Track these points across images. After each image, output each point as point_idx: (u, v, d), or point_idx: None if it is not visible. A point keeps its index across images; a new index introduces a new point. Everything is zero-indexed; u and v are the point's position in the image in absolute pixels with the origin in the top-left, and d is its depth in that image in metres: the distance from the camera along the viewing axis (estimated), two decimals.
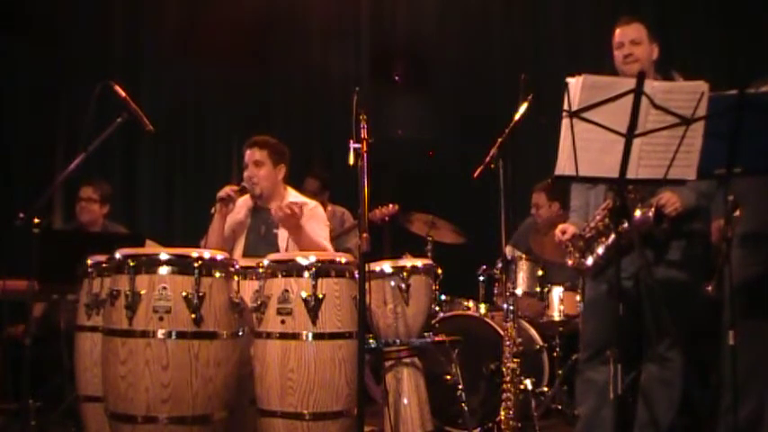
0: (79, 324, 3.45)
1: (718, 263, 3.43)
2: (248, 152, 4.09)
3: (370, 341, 3.67)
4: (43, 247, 3.41)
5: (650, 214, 3.19)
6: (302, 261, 3.14)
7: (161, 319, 2.89)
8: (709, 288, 3.67)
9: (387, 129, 6.23)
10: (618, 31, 3.44)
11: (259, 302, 3.15)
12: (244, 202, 4.11)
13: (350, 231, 5.56)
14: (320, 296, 3.08)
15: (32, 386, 3.58)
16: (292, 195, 4.17)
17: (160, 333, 2.88)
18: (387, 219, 5.35)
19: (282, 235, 4.00)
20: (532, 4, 6.68)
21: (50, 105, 5.99)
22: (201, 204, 6.01)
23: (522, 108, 3.90)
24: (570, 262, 3.43)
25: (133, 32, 6.50)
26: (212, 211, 3.99)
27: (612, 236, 3.19)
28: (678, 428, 3.53)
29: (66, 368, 3.71)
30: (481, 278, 5.07)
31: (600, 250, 3.33)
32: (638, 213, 3.19)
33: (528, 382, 4.33)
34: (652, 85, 2.63)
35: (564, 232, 3.45)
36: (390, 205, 5.34)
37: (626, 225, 3.12)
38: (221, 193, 3.97)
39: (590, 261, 3.37)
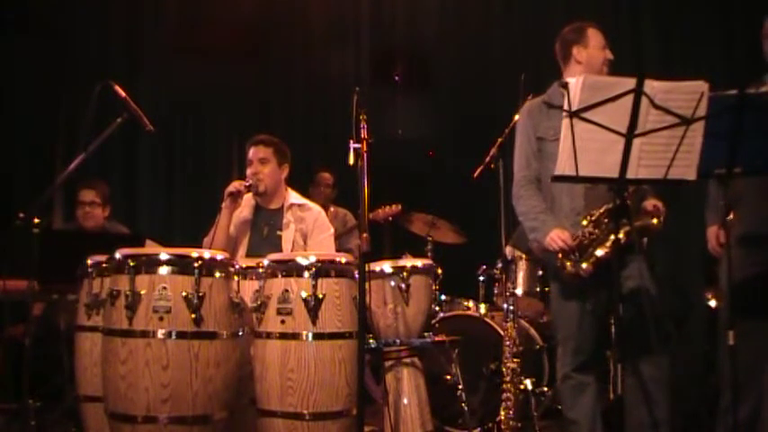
0: (79, 324, 3.45)
1: (717, 270, 3.44)
2: (253, 149, 4.08)
3: (370, 341, 3.67)
4: (43, 247, 3.41)
5: (661, 220, 3.29)
6: (302, 261, 3.13)
7: (161, 319, 2.89)
8: (709, 296, 3.70)
9: (387, 129, 6.24)
10: (600, 35, 3.55)
11: (259, 302, 3.14)
12: (247, 201, 4.11)
13: (351, 231, 5.57)
14: (320, 296, 3.08)
15: (32, 386, 3.58)
16: (293, 197, 4.17)
17: (160, 333, 2.88)
18: (390, 218, 5.35)
19: (287, 236, 4.00)
20: (532, 4, 6.67)
21: (50, 105, 5.99)
22: (201, 204, 6.04)
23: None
24: (569, 268, 3.32)
25: (133, 32, 6.50)
26: (222, 206, 4.00)
27: (613, 237, 3.16)
28: (679, 429, 3.54)
29: (67, 368, 3.70)
30: (481, 278, 5.07)
31: (599, 253, 3.29)
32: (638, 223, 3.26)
33: (528, 382, 4.33)
34: (652, 86, 2.63)
35: (563, 239, 3.31)
36: (394, 205, 5.34)
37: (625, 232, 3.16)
38: (230, 188, 3.97)
39: (585, 266, 3.30)
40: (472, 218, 5.70)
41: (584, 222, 3.33)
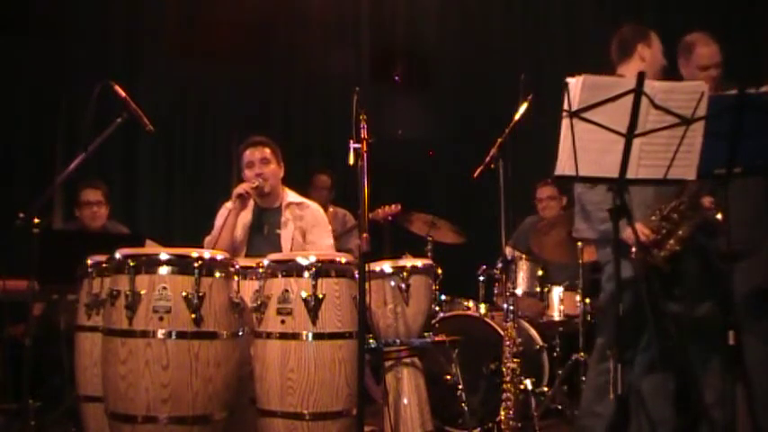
0: (79, 324, 3.45)
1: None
2: (251, 151, 4.08)
3: (370, 341, 3.67)
4: (43, 247, 3.41)
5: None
6: (302, 261, 3.13)
7: (161, 319, 2.89)
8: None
9: (387, 129, 6.24)
10: (659, 41, 3.62)
11: (259, 302, 3.14)
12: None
13: (351, 231, 5.58)
14: (320, 296, 3.08)
15: (32, 386, 3.57)
16: (291, 195, 4.17)
17: (160, 333, 2.88)
18: (390, 218, 5.35)
19: (286, 235, 4.01)
20: (532, 4, 6.68)
21: (50, 105, 5.99)
22: (201, 204, 6.04)
23: (522, 108, 3.91)
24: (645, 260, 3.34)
25: (133, 32, 6.50)
26: (226, 205, 3.99)
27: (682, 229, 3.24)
28: (679, 429, 3.54)
29: (67, 368, 3.70)
30: (481, 278, 5.06)
31: (671, 242, 3.34)
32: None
33: (528, 382, 4.33)
34: (652, 85, 2.63)
35: (645, 233, 3.34)
36: (394, 205, 5.35)
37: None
38: (240, 190, 3.96)
39: (663, 254, 3.35)
40: (472, 218, 5.71)
41: (654, 217, 3.36)
